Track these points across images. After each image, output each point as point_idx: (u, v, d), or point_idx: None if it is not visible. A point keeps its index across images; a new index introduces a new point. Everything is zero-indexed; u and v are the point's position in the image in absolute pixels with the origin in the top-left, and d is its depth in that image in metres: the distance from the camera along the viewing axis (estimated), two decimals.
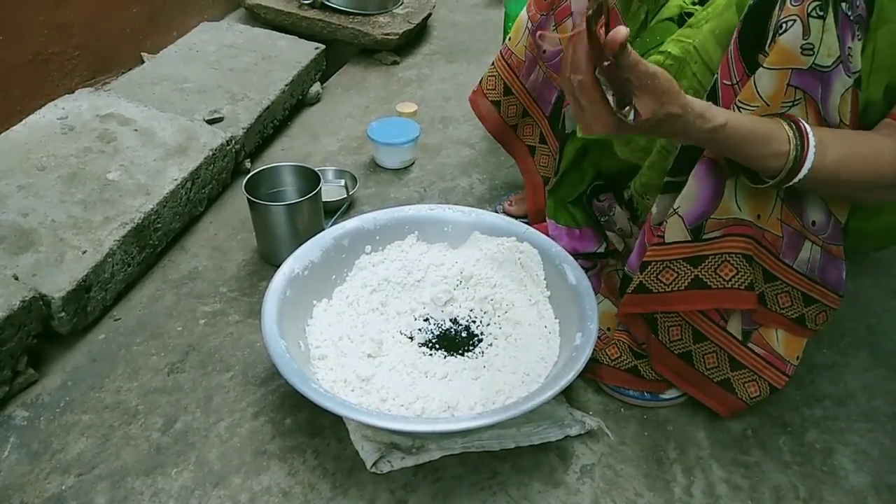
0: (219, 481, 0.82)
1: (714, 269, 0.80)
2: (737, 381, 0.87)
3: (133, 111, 1.31)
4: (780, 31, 0.67)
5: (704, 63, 0.79)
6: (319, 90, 1.68)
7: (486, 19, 2.16)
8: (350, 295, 1.01)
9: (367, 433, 0.84)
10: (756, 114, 0.70)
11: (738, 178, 0.75)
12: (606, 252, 1.09)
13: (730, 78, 0.73)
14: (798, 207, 0.78)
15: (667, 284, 0.82)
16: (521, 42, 1.11)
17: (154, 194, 1.12)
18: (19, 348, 0.90)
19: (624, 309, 0.88)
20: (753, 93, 0.70)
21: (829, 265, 0.82)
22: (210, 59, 1.59)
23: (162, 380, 0.95)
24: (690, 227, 0.78)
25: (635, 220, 1.00)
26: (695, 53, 0.79)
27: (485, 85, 1.20)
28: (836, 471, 0.86)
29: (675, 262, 0.81)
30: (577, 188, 1.11)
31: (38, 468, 0.83)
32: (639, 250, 0.88)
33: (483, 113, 1.21)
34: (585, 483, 0.83)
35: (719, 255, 0.79)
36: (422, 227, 1.08)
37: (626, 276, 0.91)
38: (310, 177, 1.17)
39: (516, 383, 0.87)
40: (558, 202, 1.13)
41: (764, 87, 0.69)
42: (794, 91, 0.69)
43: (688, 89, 0.80)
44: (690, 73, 0.80)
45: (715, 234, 0.78)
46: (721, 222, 0.78)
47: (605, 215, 1.05)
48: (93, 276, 0.99)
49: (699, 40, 0.79)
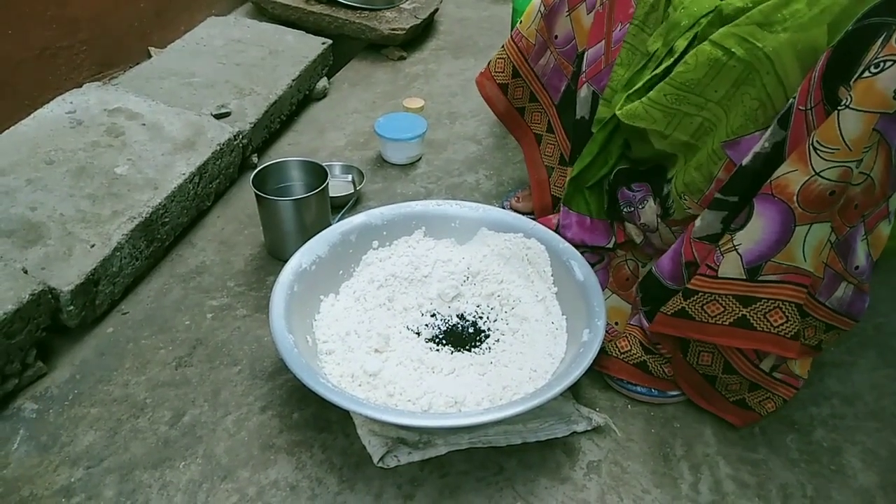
0: (226, 475, 0.82)
1: (764, 313, 0.76)
2: (752, 399, 0.87)
3: (141, 105, 1.31)
4: (874, 69, 0.62)
5: (778, 77, 0.74)
6: (326, 85, 1.68)
7: (493, 14, 2.15)
8: (357, 290, 1.01)
9: (374, 428, 0.84)
10: (836, 158, 0.66)
11: (810, 228, 0.71)
12: (615, 246, 1.07)
13: (805, 103, 0.69)
14: (846, 253, 0.76)
15: (711, 316, 0.79)
16: (532, 25, 1.10)
17: (162, 189, 1.12)
18: (28, 341, 0.91)
19: (657, 328, 0.86)
20: (836, 135, 0.65)
21: (856, 299, 0.81)
22: (217, 53, 1.59)
23: (170, 373, 0.95)
24: (748, 266, 0.75)
25: (664, 217, 0.95)
26: (767, 63, 0.74)
27: (493, 67, 1.18)
28: (843, 469, 0.86)
29: (724, 296, 0.78)
30: (600, 170, 1.04)
31: (48, 460, 0.83)
32: (674, 257, 0.85)
33: (488, 94, 1.19)
34: (592, 479, 0.83)
35: (772, 301, 0.75)
36: (429, 223, 1.08)
37: (654, 278, 0.88)
38: (317, 172, 1.17)
39: (523, 379, 0.87)
40: (576, 187, 1.07)
41: (849, 131, 0.64)
42: (874, 135, 0.65)
43: (753, 99, 0.76)
44: (760, 83, 0.75)
45: (772, 277, 0.74)
46: (781, 267, 0.74)
47: (631, 206, 0.98)
48: (101, 270, 0.99)
49: (774, 49, 0.73)
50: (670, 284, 0.86)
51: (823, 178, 0.68)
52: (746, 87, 0.76)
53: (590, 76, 0.99)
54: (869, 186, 0.72)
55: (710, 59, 0.78)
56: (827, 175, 0.67)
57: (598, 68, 0.98)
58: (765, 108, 0.75)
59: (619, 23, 0.94)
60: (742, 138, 0.78)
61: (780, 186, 0.70)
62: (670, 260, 0.86)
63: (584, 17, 1.00)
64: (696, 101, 0.82)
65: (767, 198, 0.71)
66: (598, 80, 0.98)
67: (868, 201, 0.74)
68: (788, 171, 0.69)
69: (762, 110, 0.76)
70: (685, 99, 0.82)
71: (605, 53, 0.96)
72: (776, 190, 0.71)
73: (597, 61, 0.98)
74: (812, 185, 0.68)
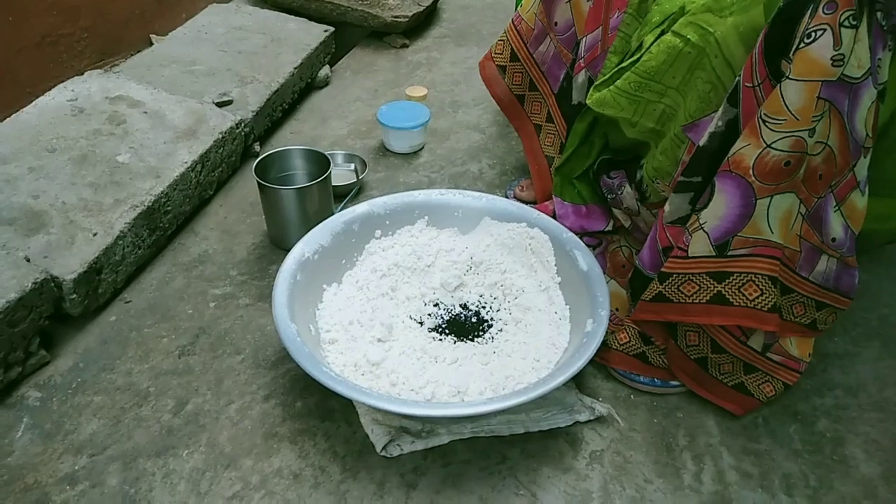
0: (230, 463, 0.83)
1: (738, 287, 0.77)
2: (750, 383, 0.87)
3: (142, 93, 1.30)
4: (807, 40, 0.64)
5: (725, 59, 0.76)
6: (328, 73, 1.67)
7: (497, 2, 2.13)
8: (360, 279, 1.01)
9: (377, 417, 0.84)
10: (784, 128, 0.68)
11: (772, 200, 0.73)
12: (613, 229, 1.08)
13: (752, 80, 0.71)
14: (819, 225, 0.77)
15: (688, 296, 0.80)
16: (531, 9, 1.10)
17: (164, 177, 1.12)
18: (31, 330, 0.91)
19: (639, 315, 0.86)
20: (781, 105, 0.67)
21: (843, 274, 0.81)
22: (219, 41, 1.58)
23: (173, 362, 0.95)
24: (716, 243, 0.76)
25: (643, 201, 0.98)
26: (716, 47, 0.76)
27: (493, 49, 1.19)
28: (846, 460, 0.86)
29: (697, 275, 0.79)
30: (584, 162, 1.07)
31: (51, 448, 0.83)
32: (651, 245, 0.86)
33: (488, 75, 1.20)
34: (595, 469, 0.83)
35: (744, 274, 0.77)
36: (432, 212, 1.07)
37: (639, 272, 0.89)
38: (319, 160, 1.17)
39: (526, 369, 0.87)
40: (564, 179, 1.10)
41: (792, 100, 0.67)
42: (823, 103, 0.67)
43: (706, 83, 0.79)
44: (710, 66, 0.78)
45: (741, 251, 0.76)
46: (749, 241, 0.75)
47: (612, 193, 1.02)
48: (103, 259, 0.99)
49: (721, 33, 0.76)
50: (651, 274, 0.86)
51: (775, 149, 0.69)
52: (699, 72, 0.79)
53: (587, 62, 1.00)
54: (829, 155, 0.73)
55: (668, 48, 0.81)
56: (779, 146, 0.69)
57: (595, 54, 0.98)
58: (716, 89, 0.78)
59: (616, 10, 0.94)
60: (700, 121, 0.81)
61: (737, 162, 0.72)
62: (648, 249, 0.87)
63: (583, 3, 1.00)
64: (656, 89, 0.85)
65: (726, 174, 0.73)
66: (595, 66, 0.99)
67: (830, 170, 0.74)
68: (742, 146, 0.71)
69: (714, 92, 0.79)
70: (647, 87, 0.85)
71: (602, 40, 0.97)
72: (733, 166, 0.72)
73: (594, 47, 0.99)
74: (765, 157, 0.70)
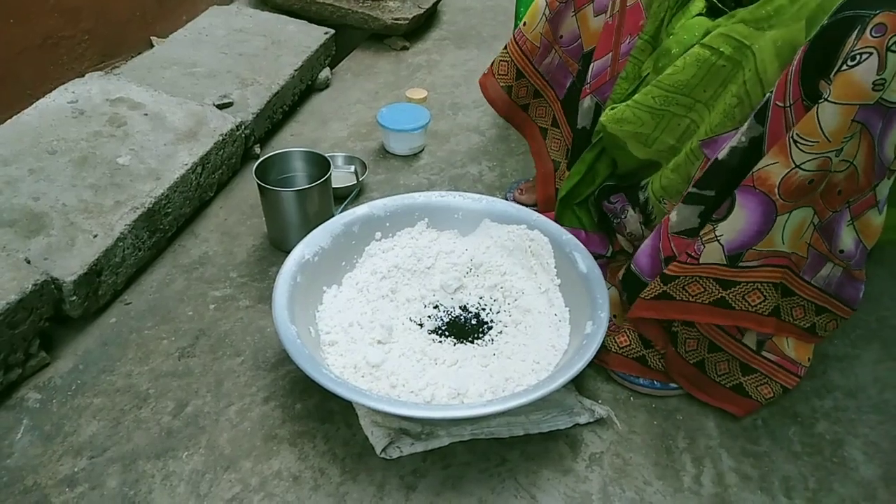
0: (229, 465, 0.83)
1: (743, 295, 0.79)
2: (749, 384, 0.87)
3: (143, 95, 1.30)
4: (851, 62, 0.63)
5: (758, 74, 0.75)
6: (329, 75, 1.67)
7: (497, 4, 2.13)
8: (360, 281, 1.01)
9: (376, 419, 0.84)
10: (815, 150, 0.67)
11: (790, 215, 0.73)
12: (612, 254, 1.07)
13: (784, 100, 0.69)
14: (830, 236, 0.77)
15: (692, 295, 0.81)
16: (536, 29, 1.09)
17: (164, 179, 1.12)
18: (31, 331, 0.91)
19: (638, 312, 0.86)
20: (815, 127, 0.66)
21: (847, 284, 0.81)
22: (219, 43, 1.58)
23: (172, 364, 0.95)
24: (729, 254, 0.76)
25: (648, 224, 0.96)
26: (752, 61, 0.75)
27: (496, 69, 1.17)
28: (846, 462, 0.86)
29: (704, 278, 0.79)
30: (587, 189, 1.06)
31: (51, 450, 0.84)
32: (651, 252, 0.86)
33: (492, 96, 1.19)
34: (594, 471, 0.83)
35: (751, 283, 0.77)
36: (432, 214, 1.07)
37: (632, 273, 0.89)
38: (320, 162, 1.17)
39: (526, 371, 0.87)
40: (565, 205, 1.09)
41: (827, 123, 0.65)
42: (855, 125, 0.66)
43: (733, 97, 0.77)
44: (742, 80, 0.76)
45: (752, 263, 0.77)
46: (762, 254, 0.76)
47: (616, 217, 1.01)
48: (104, 260, 0.99)
49: (759, 47, 0.74)
50: (648, 280, 0.86)
51: (803, 169, 0.69)
52: (731, 86, 0.77)
53: (594, 87, 0.99)
54: (852, 173, 0.73)
55: (698, 60, 0.79)
56: (807, 167, 0.69)
57: (603, 80, 0.97)
58: (742, 105, 0.76)
59: (627, 35, 0.93)
60: (719, 136, 0.79)
61: (762, 179, 0.72)
62: (648, 256, 0.86)
63: (590, 17, 1.00)
64: (685, 102, 0.83)
65: (749, 189, 0.73)
66: (602, 92, 0.98)
67: (852, 188, 0.74)
68: (769, 163, 0.71)
69: (740, 108, 0.77)
70: (673, 100, 0.83)
71: (612, 65, 0.96)
72: (758, 182, 0.72)
73: (602, 73, 0.98)
74: (792, 176, 0.70)
